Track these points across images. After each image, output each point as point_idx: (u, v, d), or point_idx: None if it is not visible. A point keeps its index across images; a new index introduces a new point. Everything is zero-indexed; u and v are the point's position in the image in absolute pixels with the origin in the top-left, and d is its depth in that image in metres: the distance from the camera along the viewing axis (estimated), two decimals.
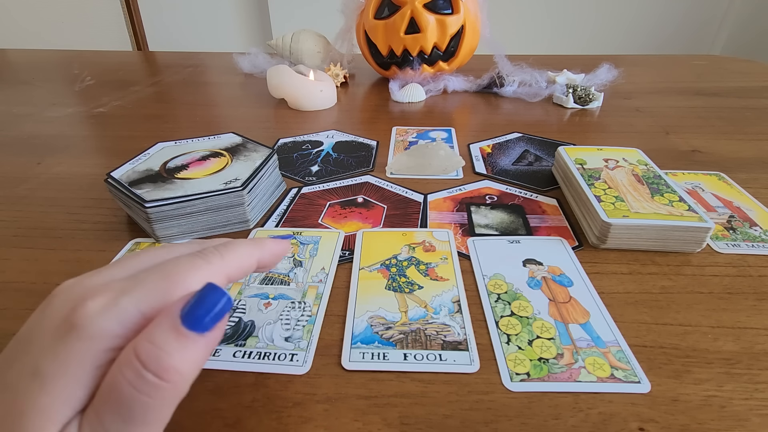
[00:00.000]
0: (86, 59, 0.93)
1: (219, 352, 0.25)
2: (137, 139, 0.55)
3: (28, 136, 0.56)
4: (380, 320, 0.28)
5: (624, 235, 0.33)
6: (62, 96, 0.71)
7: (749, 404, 0.23)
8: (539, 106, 0.65)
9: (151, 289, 0.16)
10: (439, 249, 0.34)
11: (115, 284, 0.16)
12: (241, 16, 2.10)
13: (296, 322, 0.27)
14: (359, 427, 0.22)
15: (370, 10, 0.69)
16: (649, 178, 0.38)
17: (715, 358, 0.25)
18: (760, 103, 0.65)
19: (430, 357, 0.25)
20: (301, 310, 0.28)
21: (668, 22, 1.95)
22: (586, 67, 0.73)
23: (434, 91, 0.70)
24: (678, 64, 0.87)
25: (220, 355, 0.25)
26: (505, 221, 0.38)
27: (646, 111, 0.62)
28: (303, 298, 0.29)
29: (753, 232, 0.36)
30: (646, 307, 0.29)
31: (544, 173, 0.46)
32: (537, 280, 0.31)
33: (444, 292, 0.30)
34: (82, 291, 0.15)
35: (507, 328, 0.27)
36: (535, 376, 0.24)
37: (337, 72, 0.74)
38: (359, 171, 0.46)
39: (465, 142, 0.53)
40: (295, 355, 0.25)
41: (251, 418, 0.22)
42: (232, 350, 0.26)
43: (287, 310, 0.28)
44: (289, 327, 0.27)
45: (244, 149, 0.41)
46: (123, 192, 0.34)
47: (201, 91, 0.75)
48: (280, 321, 0.28)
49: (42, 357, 0.14)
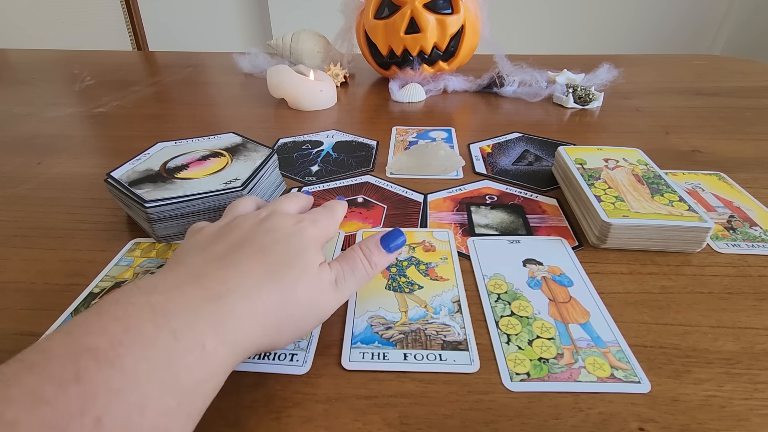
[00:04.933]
0: (86, 59, 0.93)
1: None
2: (137, 139, 0.55)
3: (28, 136, 0.56)
4: (380, 320, 0.28)
5: (624, 235, 0.33)
6: (62, 96, 0.71)
7: (749, 404, 0.23)
8: (539, 106, 0.65)
9: (325, 222, 0.28)
10: (439, 249, 0.34)
11: (306, 216, 0.28)
12: (241, 16, 2.10)
13: None
14: (359, 427, 0.22)
15: (370, 10, 0.69)
16: (649, 178, 0.38)
17: (715, 358, 0.25)
18: (760, 103, 0.65)
19: (430, 357, 0.25)
20: None
21: (668, 22, 1.95)
22: (586, 67, 0.73)
23: (434, 91, 0.70)
24: (678, 64, 0.87)
25: None
26: (505, 221, 0.38)
27: (646, 111, 0.62)
28: None
29: (753, 232, 0.36)
30: (646, 307, 0.29)
31: (544, 173, 0.46)
32: (537, 280, 0.31)
33: (444, 292, 0.30)
34: (292, 219, 0.27)
35: (507, 328, 0.27)
36: (535, 376, 0.24)
37: (337, 72, 0.74)
38: (359, 171, 0.46)
39: (465, 142, 0.53)
40: (295, 355, 0.25)
41: (251, 418, 0.22)
42: None
43: None
44: None
45: (244, 149, 0.41)
46: (123, 192, 0.34)
47: (201, 91, 0.75)
48: None
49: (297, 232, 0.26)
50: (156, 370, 0.17)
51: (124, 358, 0.16)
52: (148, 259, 0.33)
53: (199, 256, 0.23)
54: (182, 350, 0.18)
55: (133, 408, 0.15)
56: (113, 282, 0.31)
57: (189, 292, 0.20)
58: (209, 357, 0.18)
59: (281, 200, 0.30)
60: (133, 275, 0.32)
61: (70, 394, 0.15)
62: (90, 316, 0.18)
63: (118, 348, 0.16)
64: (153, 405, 0.16)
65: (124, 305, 0.18)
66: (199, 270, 0.22)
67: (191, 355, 0.18)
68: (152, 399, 0.16)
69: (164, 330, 0.18)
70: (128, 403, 0.15)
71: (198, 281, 0.21)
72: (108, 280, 0.31)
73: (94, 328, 0.17)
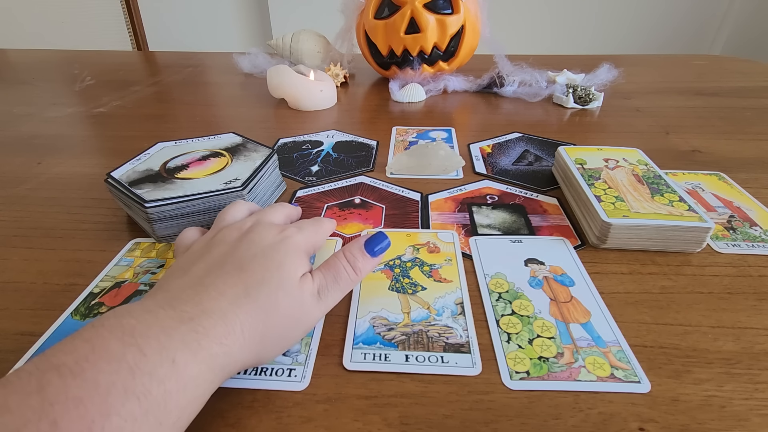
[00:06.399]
0: (86, 59, 0.93)
1: None
2: (137, 139, 0.55)
3: (28, 136, 0.56)
4: (383, 321, 0.28)
5: (624, 235, 0.33)
6: (62, 96, 0.71)
7: (749, 404, 0.23)
8: (539, 106, 0.65)
9: (311, 231, 0.28)
10: (443, 250, 0.34)
11: (292, 225, 0.28)
12: (241, 16, 2.10)
13: None
14: (359, 427, 0.22)
15: (370, 10, 0.69)
16: (649, 178, 0.38)
17: (715, 358, 0.25)
18: (760, 103, 0.65)
19: (431, 359, 0.25)
20: None
21: (668, 22, 1.95)
22: (586, 67, 0.73)
23: (434, 91, 0.70)
24: (678, 64, 0.87)
25: None
26: (507, 221, 0.38)
27: (646, 111, 0.62)
28: None
29: (753, 232, 0.36)
30: (646, 307, 0.29)
31: (544, 173, 0.46)
32: (538, 280, 0.31)
33: (447, 294, 0.30)
34: (276, 228, 0.27)
35: (507, 327, 0.27)
36: (534, 375, 0.24)
37: (337, 72, 0.74)
38: (359, 171, 0.46)
39: (465, 142, 0.53)
40: (293, 370, 0.25)
41: (251, 418, 0.22)
42: None
43: None
44: None
45: (244, 149, 0.41)
46: (123, 192, 0.34)
47: (201, 91, 0.75)
48: None
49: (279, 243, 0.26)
50: (120, 380, 0.17)
51: (87, 371, 0.17)
52: (148, 259, 0.33)
53: (180, 280, 0.24)
54: (151, 364, 0.18)
55: (95, 414, 0.16)
56: (113, 282, 0.31)
57: (162, 315, 0.20)
58: (180, 371, 0.19)
59: (268, 210, 0.30)
60: (133, 275, 0.32)
61: (31, 403, 0.16)
62: (65, 339, 0.19)
63: (83, 363, 0.17)
64: (117, 411, 0.16)
65: (97, 328, 0.19)
66: (176, 294, 0.22)
67: (162, 368, 0.18)
68: (115, 406, 0.16)
69: (131, 347, 0.18)
70: (88, 409, 0.16)
71: (173, 305, 0.21)
72: (108, 280, 0.31)
73: (65, 349, 0.18)
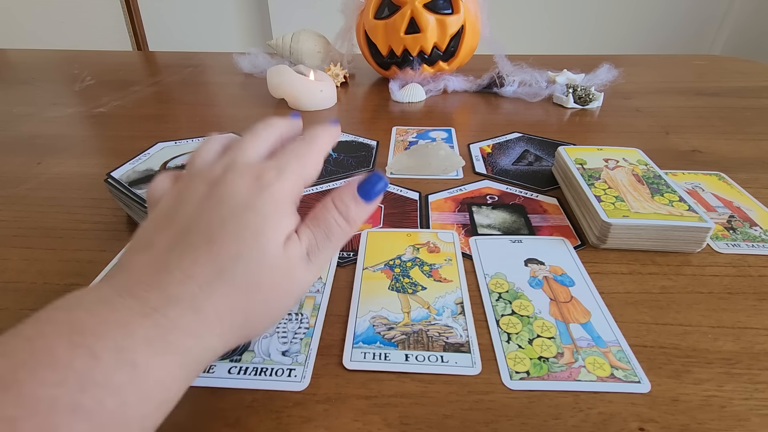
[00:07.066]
0: (86, 59, 0.93)
1: (213, 369, 0.24)
2: (137, 139, 0.55)
3: (28, 136, 0.56)
4: (383, 320, 0.28)
5: (624, 235, 0.33)
6: (62, 96, 0.71)
7: (749, 404, 0.23)
8: (539, 106, 0.65)
9: (297, 166, 0.22)
10: (443, 250, 0.34)
11: (271, 164, 0.22)
12: (241, 16, 2.10)
13: (293, 335, 0.27)
14: (359, 426, 0.22)
15: (370, 10, 0.69)
16: (649, 178, 0.38)
17: (715, 358, 0.25)
18: (760, 103, 0.65)
19: (431, 358, 0.25)
20: (298, 322, 0.28)
21: (668, 22, 1.95)
22: (586, 67, 0.73)
23: (434, 91, 0.70)
24: (678, 64, 0.87)
25: (215, 371, 0.24)
26: (507, 221, 0.38)
27: (646, 111, 0.62)
28: (300, 310, 0.28)
29: (753, 232, 0.36)
30: (646, 307, 0.29)
31: (544, 173, 0.46)
32: (538, 280, 0.31)
33: (447, 294, 0.30)
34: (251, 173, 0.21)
35: (507, 327, 0.27)
36: (534, 375, 0.24)
37: (337, 72, 0.74)
38: (359, 171, 0.46)
39: (465, 142, 0.53)
40: (293, 370, 0.24)
41: (251, 418, 0.22)
42: (227, 366, 0.25)
43: (284, 323, 0.27)
44: (287, 340, 0.26)
45: None
46: (123, 192, 0.34)
47: (201, 91, 0.75)
48: (276, 334, 0.27)
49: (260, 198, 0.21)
50: (65, 394, 0.14)
51: (24, 383, 0.14)
52: None
53: (142, 255, 0.20)
54: (105, 370, 0.15)
55: None
56: None
57: (120, 306, 0.17)
58: (142, 375, 0.16)
59: (246, 141, 0.24)
60: None
61: None
62: (5, 335, 0.16)
63: (19, 372, 0.14)
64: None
65: (42, 323, 0.16)
66: (138, 277, 0.19)
67: (118, 375, 0.15)
68: (59, 428, 0.14)
69: (81, 350, 0.15)
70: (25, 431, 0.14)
71: (133, 292, 0.18)
72: None
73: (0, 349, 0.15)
